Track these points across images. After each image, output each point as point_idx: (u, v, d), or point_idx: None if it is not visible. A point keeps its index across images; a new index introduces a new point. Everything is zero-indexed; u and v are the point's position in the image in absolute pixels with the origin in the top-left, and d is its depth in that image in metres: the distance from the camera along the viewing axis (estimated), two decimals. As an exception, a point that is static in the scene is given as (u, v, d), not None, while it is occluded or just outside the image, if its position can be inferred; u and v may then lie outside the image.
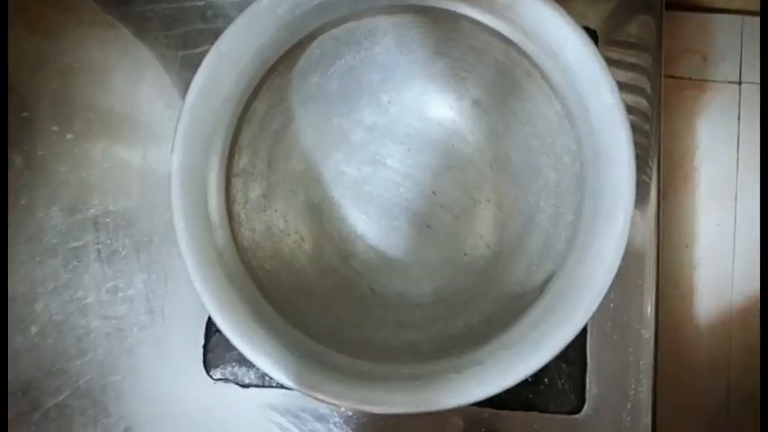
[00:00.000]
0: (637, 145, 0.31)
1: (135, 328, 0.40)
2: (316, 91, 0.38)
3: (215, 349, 0.39)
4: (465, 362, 0.29)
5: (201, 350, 0.39)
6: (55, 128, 0.42)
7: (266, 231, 0.37)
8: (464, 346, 0.32)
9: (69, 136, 0.42)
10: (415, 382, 0.29)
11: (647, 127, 0.41)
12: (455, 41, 0.35)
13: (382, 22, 0.35)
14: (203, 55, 0.38)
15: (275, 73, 0.35)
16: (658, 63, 0.43)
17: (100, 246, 0.41)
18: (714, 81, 0.52)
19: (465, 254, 0.38)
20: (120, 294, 0.41)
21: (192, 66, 0.42)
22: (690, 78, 0.52)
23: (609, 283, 0.29)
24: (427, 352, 0.33)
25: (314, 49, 0.36)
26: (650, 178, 0.41)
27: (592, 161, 0.31)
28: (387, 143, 0.39)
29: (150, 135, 0.42)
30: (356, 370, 0.30)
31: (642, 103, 0.42)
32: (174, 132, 0.31)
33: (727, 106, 0.52)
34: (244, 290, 0.31)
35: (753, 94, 0.52)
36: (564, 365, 0.38)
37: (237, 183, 0.35)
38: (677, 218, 0.50)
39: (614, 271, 0.28)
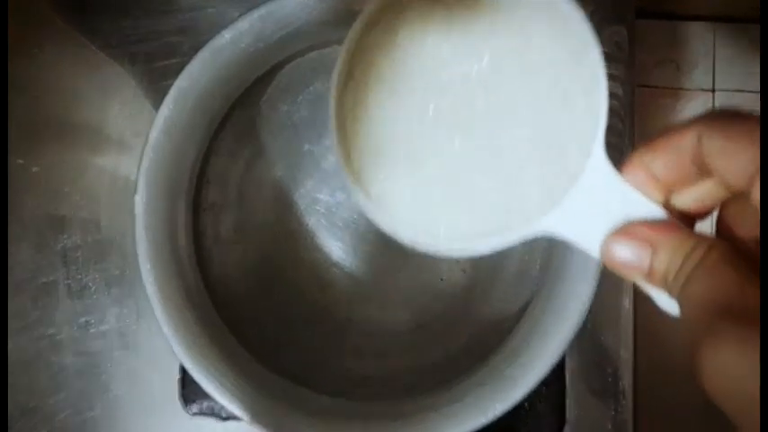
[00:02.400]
0: (611, 158, 0.31)
1: (109, 364, 0.40)
2: (285, 119, 0.37)
3: (191, 383, 0.39)
4: (443, 398, 0.29)
5: (178, 384, 0.39)
6: (20, 161, 0.41)
7: (239, 264, 0.36)
8: (442, 377, 0.31)
9: (35, 169, 0.41)
10: (394, 422, 0.28)
11: (621, 135, 0.41)
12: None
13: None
14: (172, 67, 0.38)
15: (243, 103, 0.35)
16: (631, 73, 0.43)
17: (70, 281, 0.40)
18: (688, 89, 0.52)
19: (441, 279, 0.38)
20: (92, 330, 0.40)
21: (162, 80, 0.41)
22: (663, 87, 0.52)
23: (583, 315, 0.28)
24: (406, 384, 0.33)
25: (281, 78, 0.35)
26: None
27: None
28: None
29: (119, 165, 0.41)
30: (333, 411, 0.29)
31: (615, 113, 0.42)
32: (138, 172, 0.30)
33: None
34: (214, 330, 0.31)
35: (726, 102, 0.52)
36: (543, 388, 0.38)
37: (207, 217, 0.35)
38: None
39: (588, 305, 0.28)
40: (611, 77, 0.42)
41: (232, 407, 0.28)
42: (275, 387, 0.30)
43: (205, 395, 0.38)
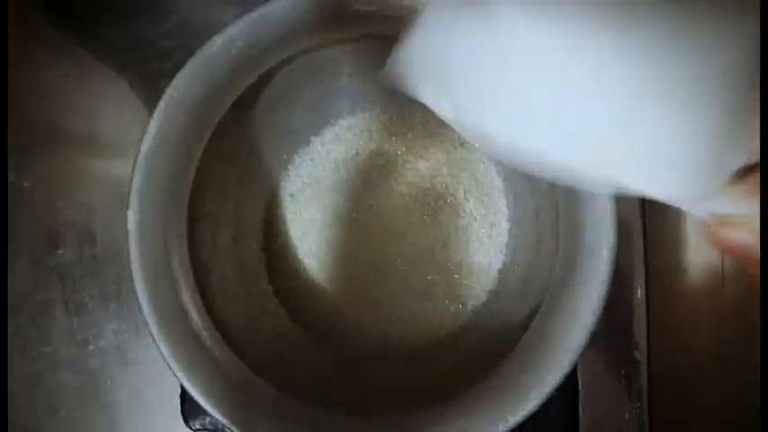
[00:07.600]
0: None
1: (108, 381, 0.39)
2: (281, 123, 0.36)
3: (193, 399, 0.38)
4: (451, 411, 0.28)
5: (179, 400, 0.38)
6: (12, 175, 0.40)
7: (238, 276, 0.35)
8: (449, 389, 0.30)
9: (27, 183, 0.40)
10: (400, 438, 0.27)
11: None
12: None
13: (347, 49, 0.34)
14: (164, 72, 0.37)
15: (238, 109, 0.33)
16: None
17: (67, 297, 0.39)
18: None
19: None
20: (90, 347, 0.39)
21: (154, 85, 0.40)
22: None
23: (594, 321, 0.27)
24: (412, 397, 0.31)
25: (277, 81, 0.34)
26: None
27: (569, 190, 0.29)
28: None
29: (111, 173, 0.40)
30: (338, 429, 0.28)
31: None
32: (129, 186, 0.29)
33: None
34: (212, 347, 0.29)
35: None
36: (555, 392, 0.37)
37: (204, 228, 0.34)
38: (661, 221, 0.48)
39: (600, 308, 0.27)
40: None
41: (235, 428, 0.27)
42: (279, 404, 0.29)
43: (206, 411, 0.38)
